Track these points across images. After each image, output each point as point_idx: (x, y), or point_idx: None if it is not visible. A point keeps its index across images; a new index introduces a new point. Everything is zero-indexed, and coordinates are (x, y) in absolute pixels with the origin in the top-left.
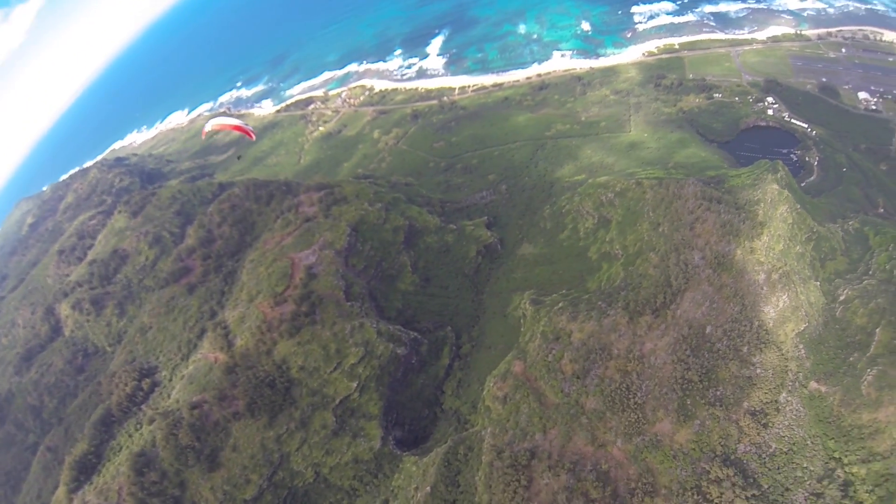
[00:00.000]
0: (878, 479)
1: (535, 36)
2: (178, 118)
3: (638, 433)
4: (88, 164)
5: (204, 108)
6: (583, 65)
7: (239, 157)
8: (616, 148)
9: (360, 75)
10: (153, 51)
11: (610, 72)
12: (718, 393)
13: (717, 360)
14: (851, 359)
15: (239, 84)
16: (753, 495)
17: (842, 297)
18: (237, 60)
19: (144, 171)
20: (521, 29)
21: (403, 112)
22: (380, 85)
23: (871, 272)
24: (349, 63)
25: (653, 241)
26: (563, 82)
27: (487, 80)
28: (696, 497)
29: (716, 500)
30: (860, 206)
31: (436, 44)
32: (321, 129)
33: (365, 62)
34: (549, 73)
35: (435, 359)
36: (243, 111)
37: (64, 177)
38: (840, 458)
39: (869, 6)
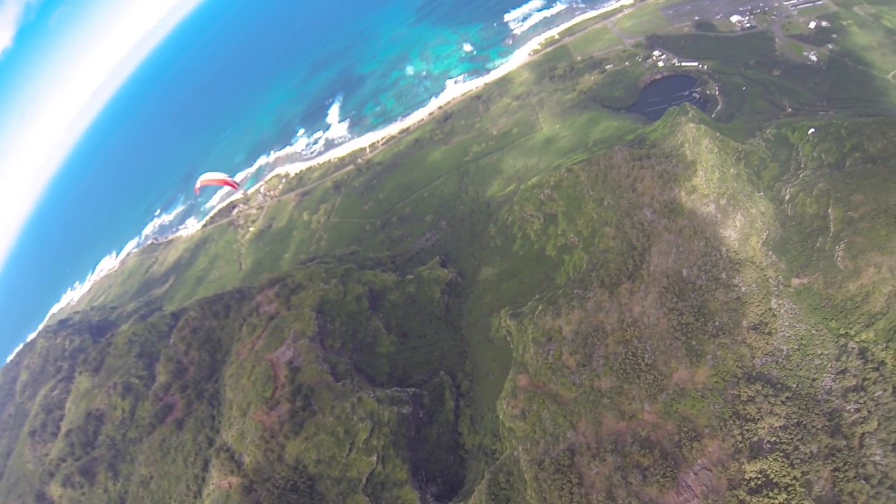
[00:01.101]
0: (887, 335)
1: (424, 73)
2: (109, 263)
3: (660, 390)
4: (32, 336)
5: (131, 246)
6: (477, 84)
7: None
8: (534, 149)
9: (272, 165)
10: (63, 204)
11: (504, 81)
12: (717, 323)
13: (704, 295)
14: (818, 245)
15: (158, 211)
16: (787, 397)
17: (787, 197)
18: (149, 189)
19: (92, 325)
20: (410, 70)
21: (325, 187)
22: (294, 168)
23: (802, 165)
24: (258, 157)
25: (602, 216)
26: (465, 106)
27: (393, 128)
28: (738, 422)
29: (757, 417)
30: (770, 114)
31: (334, 112)
32: (251, 229)
33: (272, 152)
34: (448, 102)
35: (440, 406)
36: (170, 236)
37: (10, 357)
38: (846, 332)
39: None
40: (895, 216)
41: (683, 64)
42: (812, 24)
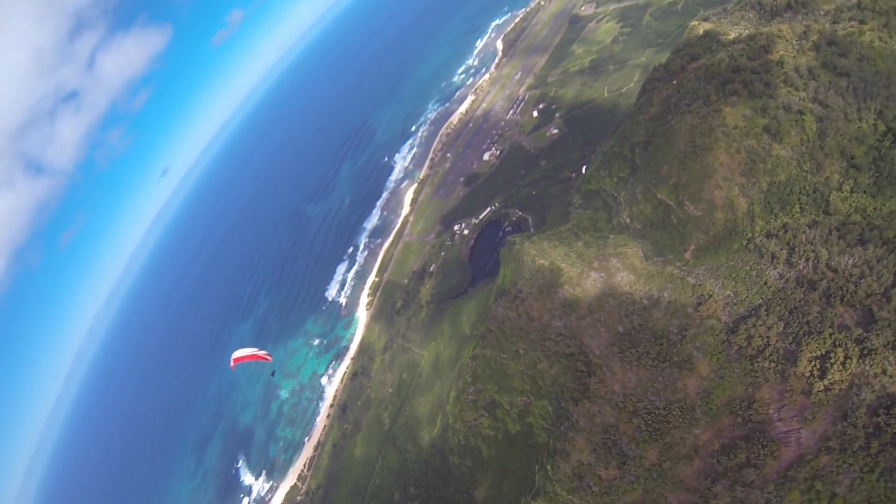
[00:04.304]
0: (769, 209)
1: (298, 387)
2: None
3: (692, 410)
4: None
5: None
6: (345, 363)
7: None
8: (431, 377)
9: None
10: None
11: (365, 346)
12: (674, 329)
13: (647, 326)
14: (675, 221)
15: None
16: (765, 310)
17: (628, 220)
18: None
19: None
20: (284, 394)
21: None
22: None
23: (615, 194)
24: None
25: (528, 361)
26: (350, 390)
27: (307, 450)
28: (760, 358)
29: (765, 342)
30: (567, 191)
31: (245, 474)
32: None
33: None
34: (335, 396)
35: None
36: None
37: None
38: (747, 240)
39: (430, 120)
40: (691, 151)
41: (481, 217)
42: (535, 113)
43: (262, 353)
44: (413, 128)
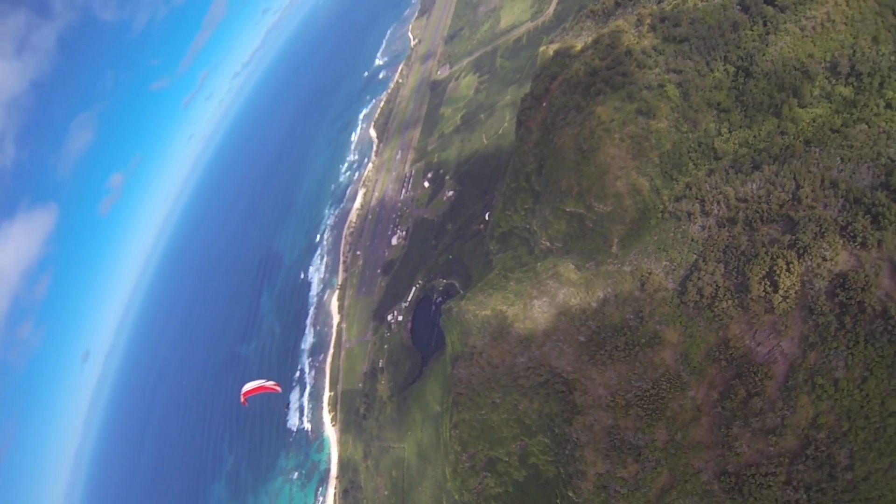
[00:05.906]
0: (667, 177)
1: None
2: None
3: (678, 378)
4: None
5: None
6: (332, 487)
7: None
8: (421, 466)
9: None
10: None
11: (345, 462)
12: (630, 312)
13: (606, 323)
14: (591, 226)
15: None
16: (702, 258)
17: (547, 245)
18: None
19: None
20: None
21: None
22: None
23: (529, 227)
24: None
25: (509, 407)
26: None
27: None
28: (719, 300)
29: (714, 291)
30: (481, 242)
31: None
32: None
33: None
34: None
35: None
36: None
37: None
38: (662, 209)
39: (331, 225)
40: (581, 157)
41: (409, 299)
42: (426, 184)
43: (269, 383)
44: (317, 238)
